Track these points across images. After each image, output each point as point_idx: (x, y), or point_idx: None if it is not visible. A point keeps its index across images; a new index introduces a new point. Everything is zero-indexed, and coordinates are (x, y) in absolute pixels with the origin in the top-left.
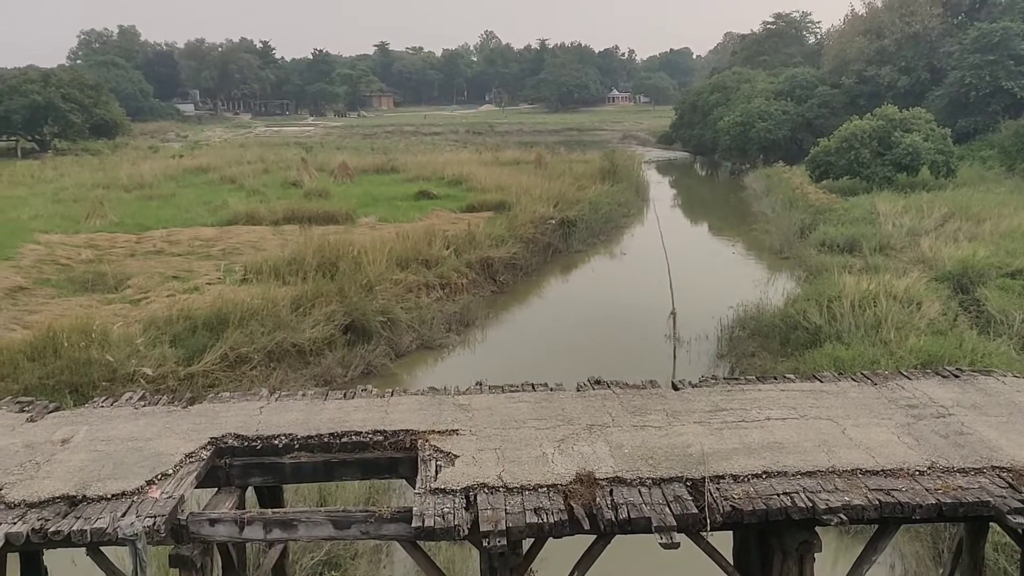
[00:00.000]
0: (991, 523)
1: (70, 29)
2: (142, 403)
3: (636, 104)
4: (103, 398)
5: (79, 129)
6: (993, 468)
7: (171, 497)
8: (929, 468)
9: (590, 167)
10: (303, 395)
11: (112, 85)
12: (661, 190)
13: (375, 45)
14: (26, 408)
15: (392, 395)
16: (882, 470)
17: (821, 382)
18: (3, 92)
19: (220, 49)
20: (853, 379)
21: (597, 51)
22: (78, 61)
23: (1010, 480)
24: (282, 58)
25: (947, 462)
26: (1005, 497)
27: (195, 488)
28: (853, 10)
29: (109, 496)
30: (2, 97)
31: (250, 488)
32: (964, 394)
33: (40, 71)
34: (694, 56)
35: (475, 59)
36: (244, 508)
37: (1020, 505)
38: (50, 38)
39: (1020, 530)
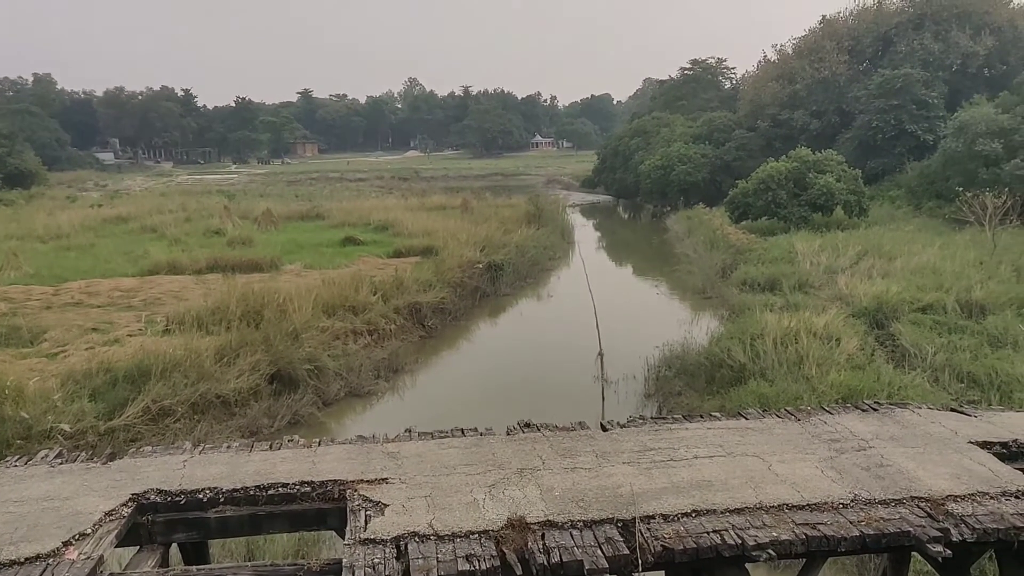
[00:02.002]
0: (912, 552)
1: None
2: (59, 460)
3: (559, 149)
4: (16, 457)
5: None
6: (912, 499)
7: (89, 558)
8: (852, 501)
9: (516, 211)
10: (228, 447)
11: (27, 134)
12: (586, 233)
13: (298, 92)
14: None
15: (320, 445)
16: (808, 504)
17: (747, 419)
18: None
19: (140, 97)
20: (777, 415)
21: (520, 97)
22: None
23: (928, 510)
24: (204, 106)
25: (869, 494)
26: (924, 527)
27: (116, 547)
28: (766, 56)
29: (23, 560)
30: None
31: (174, 545)
32: (883, 427)
33: None
34: (615, 101)
35: (399, 106)
36: (168, 566)
37: (938, 534)
38: None
39: (939, 558)
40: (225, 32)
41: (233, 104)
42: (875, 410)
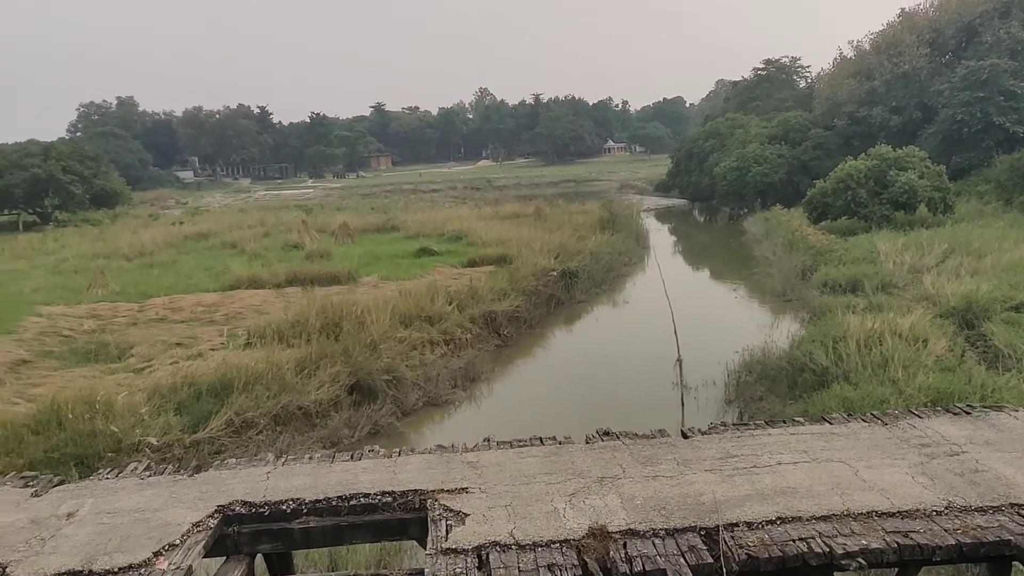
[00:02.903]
0: (1014, 562)
1: (70, 102)
2: (147, 473)
3: (632, 154)
4: (108, 470)
5: (80, 200)
6: (1012, 505)
7: (179, 568)
8: (946, 508)
9: (589, 217)
10: (310, 458)
11: (112, 155)
12: (661, 237)
13: (371, 106)
14: (30, 483)
15: (400, 455)
16: (898, 511)
17: (831, 424)
18: (4, 167)
19: (218, 116)
20: (863, 420)
21: (591, 103)
22: (78, 133)
23: None
24: (280, 122)
25: (964, 501)
26: None
27: (203, 558)
28: (842, 53)
29: (116, 570)
30: (3, 172)
31: (259, 555)
32: (977, 431)
33: (40, 145)
34: (687, 104)
35: (471, 116)
36: None
37: None
38: (50, 112)
39: None
40: (299, 49)
41: (308, 120)
42: (968, 413)
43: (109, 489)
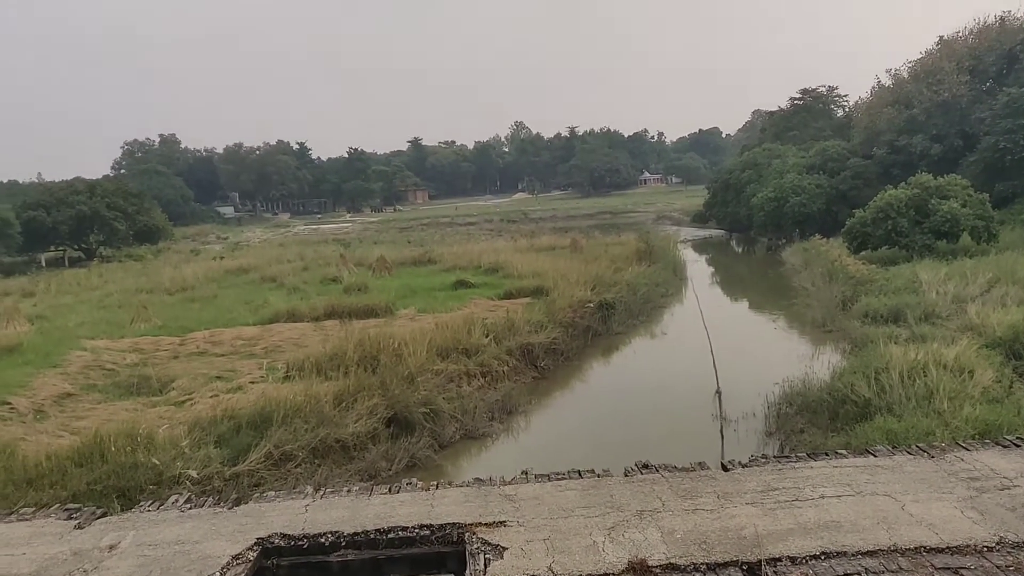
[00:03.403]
0: None
1: (115, 140)
2: (188, 505)
3: (668, 185)
4: (149, 502)
5: (123, 236)
6: None
7: None
8: (998, 544)
9: (626, 249)
10: (348, 491)
11: (155, 192)
12: (698, 268)
13: (408, 141)
14: (73, 515)
15: (437, 488)
16: (948, 547)
17: (875, 456)
18: (51, 204)
19: (258, 152)
20: (908, 452)
21: (626, 135)
22: (122, 170)
23: None
24: (318, 158)
25: (1016, 536)
26: None
27: None
28: (879, 82)
29: None
30: (50, 209)
31: None
32: None
33: (86, 182)
34: (723, 135)
35: (506, 150)
36: None
37: None
38: (96, 150)
39: None
40: (338, 87)
41: (346, 155)
42: (1018, 446)
43: (150, 521)
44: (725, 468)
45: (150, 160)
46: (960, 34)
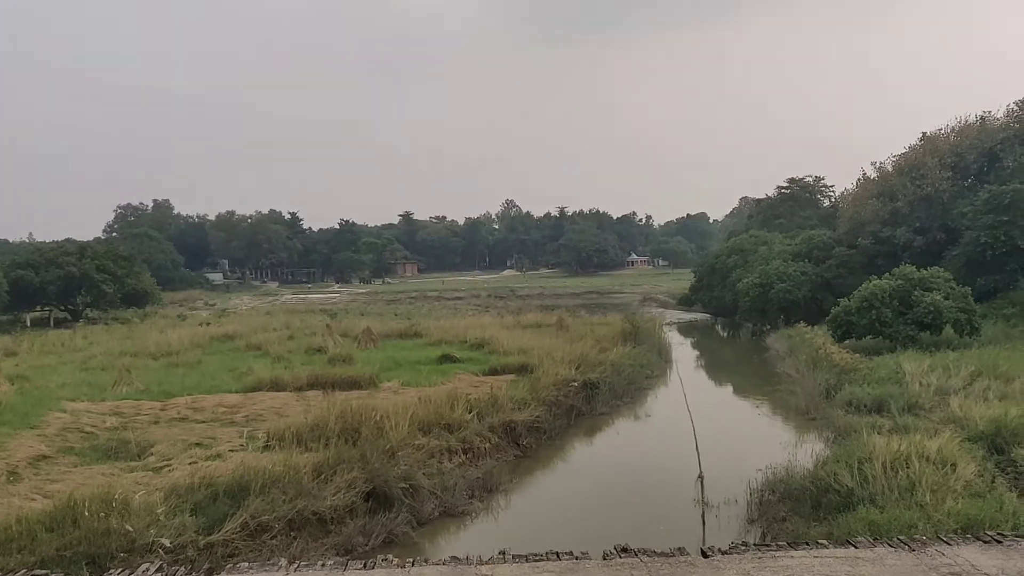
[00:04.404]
0: None
1: (108, 204)
2: (159, 575)
3: (655, 267)
4: (119, 570)
5: (111, 299)
6: None
7: None
8: None
9: (611, 329)
10: (323, 565)
11: (145, 256)
12: (683, 351)
13: (399, 214)
14: None
15: (413, 565)
16: None
17: (856, 548)
18: (41, 264)
19: (249, 220)
20: (890, 544)
21: (615, 217)
22: (114, 233)
23: None
24: (309, 228)
25: None
26: None
27: None
28: (865, 174)
29: None
30: (39, 269)
31: None
32: (1008, 560)
33: (77, 244)
34: (711, 220)
35: (496, 227)
36: None
37: None
38: (88, 213)
39: None
40: (330, 159)
41: (337, 226)
42: (999, 542)
43: None
44: (705, 555)
45: (142, 224)
46: (942, 132)
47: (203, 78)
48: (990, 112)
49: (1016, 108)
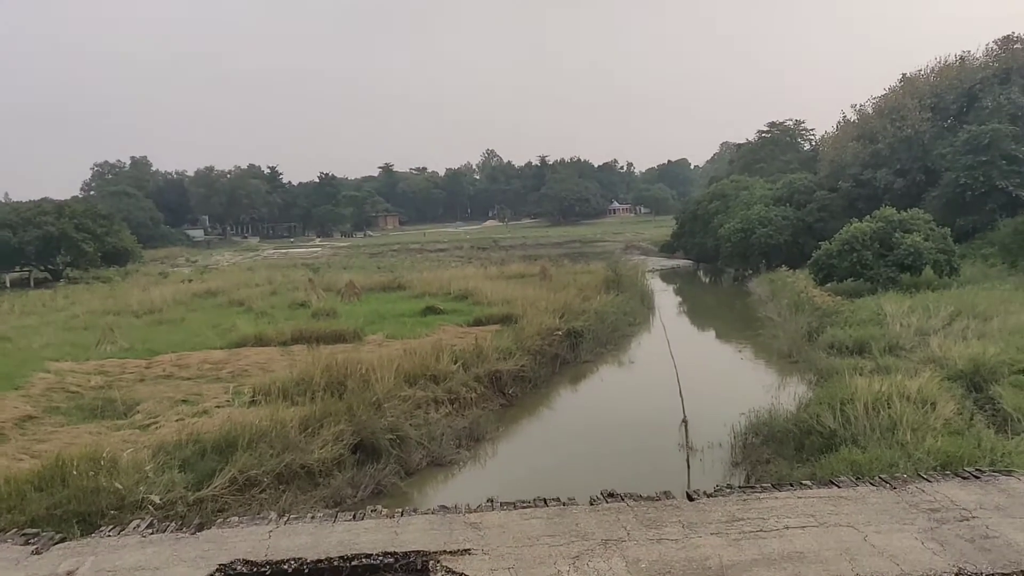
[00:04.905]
0: None
1: (85, 162)
2: (149, 531)
3: (637, 215)
4: (110, 527)
5: (91, 258)
6: (1022, 573)
7: None
8: (957, 575)
9: (594, 278)
10: (312, 517)
11: (124, 214)
12: (666, 298)
13: (380, 167)
14: (31, 540)
15: (402, 515)
16: None
17: (839, 487)
18: (18, 224)
19: (229, 176)
20: (871, 483)
21: (596, 165)
22: (92, 192)
23: None
24: (289, 182)
25: (975, 568)
26: None
27: None
28: (845, 116)
29: None
30: (17, 229)
31: None
32: (986, 496)
33: (54, 203)
34: (692, 166)
35: (478, 177)
36: None
37: None
38: (65, 171)
39: None
40: (309, 110)
41: (317, 180)
42: (977, 478)
43: (111, 547)
44: (690, 498)
45: (120, 182)
46: (922, 72)
47: (175, 31)
48: (969, 52)
49: (995, 47)
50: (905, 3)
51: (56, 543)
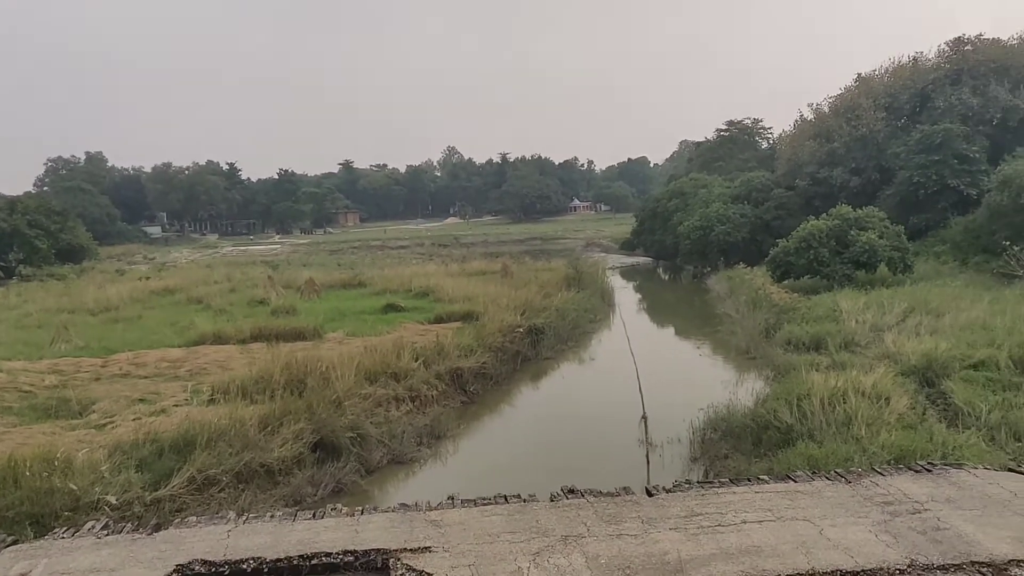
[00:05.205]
0: None
1: (38, 157)
2: (105, 532)
3: (597, 212)
4: (64, 529)
5: (45, 255)
6: (973, 564)
7: None
8: (909, 566)
9: (555, 275)
10: (271, 516)
11: (79, 210)
12: (626, 295)
13: (340, 163)
14: None
15: (363, 513)
16: (862, 570)
17: (795, 482)
18: None
19: (187, 172)
20: (827, 478)
21: (557, 163)
22: (45, 188)
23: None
24: (248, 179)
25: (927, 559)
26: None
27: None
28: (802, 115)
29: None
30: None
31: None
32: (938, 488)
33: (6, 199)
34: (651, 164)
35: (438, 174)
36: None
37: None
38: (17, 166)
39: None
40: (269, 107)
41: (276, 176)
42: (929, 471)
43: (64, 549)
44: (650, 493)
45: (75, 178)
46: (877, 72)
47: (124, 29)
48: (922, 53)
49: (947, 49)
50: (860, 4)
51: (8, 545)
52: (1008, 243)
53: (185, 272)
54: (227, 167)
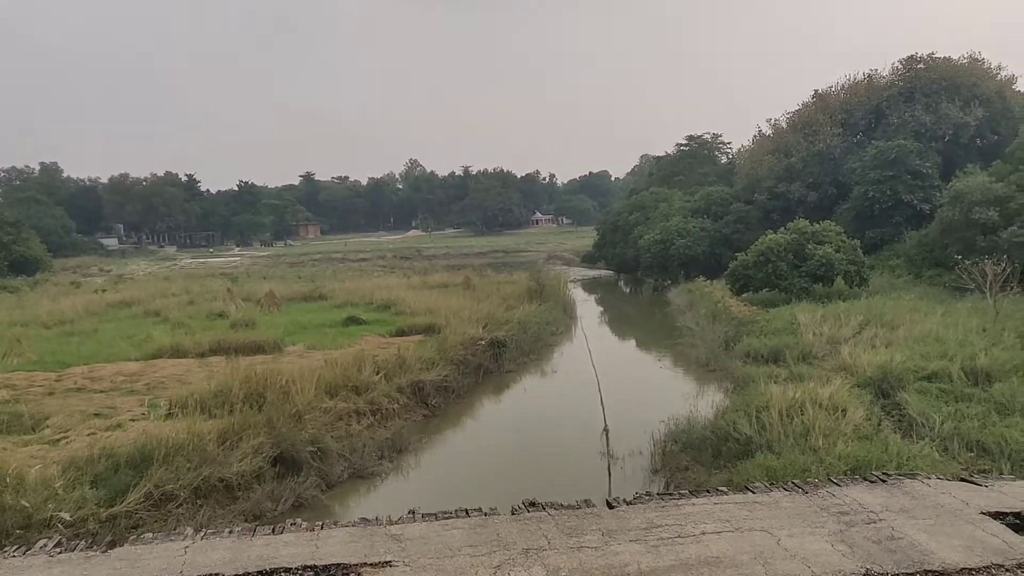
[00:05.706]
0: None
1: None
2: (58, 550)
3: (559, 225)
4: (15, 547)
5: None
6: (925, 572)
7: None
8: (865, 575)
9: (517, 287)
10: (230, 532)
11: (33, 222)
12: (588, 308)
13: (300, 175)
14: None
15: (322, 528)
16: None
17: (753, 493)
18: None
19: (144, 183)
20: (785, 488)
21: (519, 176)
22: None
23: None
24: (207, 190)
25: (881, 569)
26: None
27: None
28: (760, 131)
29: None
30: None
31: None
32: (892, 498)
33: None
34: (612, 178)
35: (400, 186)
36: None
37: None
38: None
39: None
40: (228, 118)
41: (236, 188)
42: (884, 481)
43: (15, 568)
44: (610, 506)
45: (29, 188)
46: (833, 89)
47: (88, 34)
48: (877, 70)
49: (900, 67)
50: (816, 21)
51: None
52: (960, 257)
53: (142, 284)
54: (186, 178)
